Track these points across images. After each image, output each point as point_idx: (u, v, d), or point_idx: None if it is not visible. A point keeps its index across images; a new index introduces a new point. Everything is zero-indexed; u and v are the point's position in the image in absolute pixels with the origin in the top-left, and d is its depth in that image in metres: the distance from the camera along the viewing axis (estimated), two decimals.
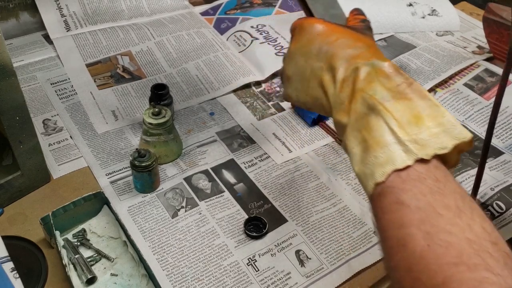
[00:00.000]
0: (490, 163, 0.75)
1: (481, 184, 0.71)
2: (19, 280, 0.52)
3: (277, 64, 0.93)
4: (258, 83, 0.91)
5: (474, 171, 0.73)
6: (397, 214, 0.37)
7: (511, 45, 0.48)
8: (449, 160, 0.40)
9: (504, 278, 0.32)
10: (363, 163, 0.41)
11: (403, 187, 0.38)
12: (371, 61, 0.44)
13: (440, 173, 0.38)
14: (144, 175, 0.66)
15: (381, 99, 0.41)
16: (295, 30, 0.52)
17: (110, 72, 0.90)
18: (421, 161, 0.38)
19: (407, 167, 0.38)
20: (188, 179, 0.71)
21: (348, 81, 0.45)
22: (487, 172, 0.73)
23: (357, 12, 0.54)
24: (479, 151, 0.78)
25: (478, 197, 0.68)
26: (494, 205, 0.68)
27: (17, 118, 0.61)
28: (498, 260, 0.33)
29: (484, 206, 0.67)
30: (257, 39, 0.99)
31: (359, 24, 0.51)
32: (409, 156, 0.38)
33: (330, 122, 0.83)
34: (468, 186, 0.71)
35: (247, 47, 0.97)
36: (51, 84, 0.87)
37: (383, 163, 0.39)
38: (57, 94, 0.85)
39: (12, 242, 0.60)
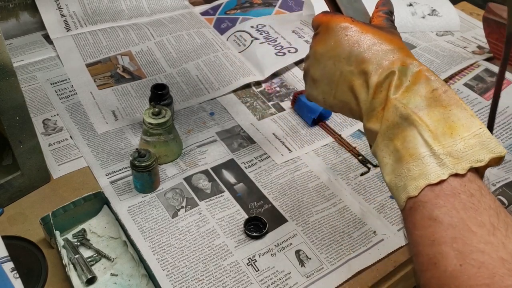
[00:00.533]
0: None
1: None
2: (19, 280, 0.52)
3: (277, 64, 0.93)
4: (258, 83, 0.91)
5: None
6: (429, 230, 0.36)
7: (506, 43, 0.48)
8: (480, 174, 0.39)
9: None
10: (395, 174, 0.40)
11: (436, 202, 0.37)
12: (407, 65, 0.42)
13: (475, 187, 0.37)
14: (144, 175, 0.66)
15: (415, 108, 0.40)
16: (320, 28, 0.49)
17: (110, 72, 0.90)
18: (456, 174, 0.37)
19: (441, 181, 0.37)
20: (188, 179, 0.71)
21: (382, 87, 0.43)
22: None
23: (382, 5, 0.50)
24: None
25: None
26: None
27: (17, 118, 0.61)
28: None
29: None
30: (257, 39, 0.99)
31: (385, 23, 0.48)
32: (444, 171, 0.37)
33: (330, 122, 0.83)
34: None
35: (247, 47, 0.97)
36: (51, 84, 0.87)
37: (416, 177, 0.38)
38: (57, 94, 0.85)
39: (12, 242, 0.60)
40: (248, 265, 0.61)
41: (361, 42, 0.45)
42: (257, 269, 0.61)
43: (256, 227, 0.65)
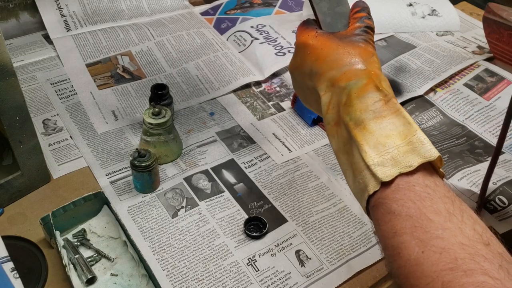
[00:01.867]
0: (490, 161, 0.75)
1: (482, 179, 0.71)
2: (19, 280, 0.52)
3: (277, 64, 0.93)
4: (258, 83, 0.91)
5: (475, 168, 0.73)
6: (390, 224, 0.38)
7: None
8: (437, 169, 0.41)
9: (501, 281, 0.32)
10: (354, 186, 0.44)
11: (393, 197, 0.39)
12: (350, 82, 0.45)
13: (429, 179, 0.39)
14: (144, 175, 0.66)
15: (354, 124, 0.43)
16: (295, 44, 0.53)
17: (110, 72, 0.90)
18: (408, 171, 0.40)
19: (391, 181, 0.39)
20: (188, 179, 0.71)
21: (331, 105, 0.46)
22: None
23: (358, 8, 0.51)
24: (479, 150, 0.78)
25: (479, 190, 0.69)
26: (497, 199, 0.69)
27: (17, 118, 0.61)
28: (492, 263, 0.33)
29: (487, 200, 0.68)
30: (257, 39, 0.99)
31: (356, 27, 0.50)
32: (376, 181, 0.40)
33: None
34: (469, 182, 0.71)
35: (247, 47, 0.97)
36: (51, 84, 0.87)
37: (362, 189, 0.42)
38: (57, 94, 0.85)
39: (12, 242, 0.60)
40: (248, 265, 0.61)
41: (319, 60, 0.48)
42: (257, 269, 0.61)
43: (256, 227, 0.65)
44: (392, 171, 0.40)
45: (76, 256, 0.59)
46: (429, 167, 0.41)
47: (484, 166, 0.74)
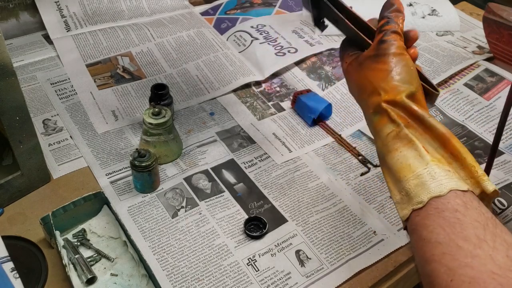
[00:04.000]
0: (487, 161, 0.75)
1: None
2: (19, 280, 0.52)
3: (277, 64, 0.93)
4: (258, 83, 0.91)
5: None
6: (422, 251, 0.38)
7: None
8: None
9: None
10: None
11: (423, 223, 0.39)
12: (370, 115, 0.47)
13: (459, 202, 0.38)
14: (144, 175, 0.66)
15: (380, 160, 0.46)
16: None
17: (110, 72, 0.90)
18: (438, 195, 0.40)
19: (422, 207, 0.40)
20: (188, 179, 0.71)
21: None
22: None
23: (383, 9, 0.50)
24: (479, 151, 0.78)
25: None
26: (496, 201, 0.69)
27: (17, 118, 0.61)
28: None
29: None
30: (257, 39, 0.99)
31: (374, 44, 0.49)
32: (400, 216, 0.42)
33: (330, 122, 0.83)
34: None
35: (247, 47, 0.97)
36: (51, 84, 0.87)
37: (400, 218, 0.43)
38: (57, 94, 0.85)
39: (12, 242, 0.60)
40: (248, 265, 0.61)
41: (354, 87, 0.51)
42: (257, 269, 0.61)
43: (256, 227, 0.65)
44: (407, 209, 0.41)
45: (76, 256, 0.59)
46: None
47: (483, 167, 0.74)
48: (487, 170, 0.57)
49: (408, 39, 0.49)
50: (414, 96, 0.45)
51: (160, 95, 0.76)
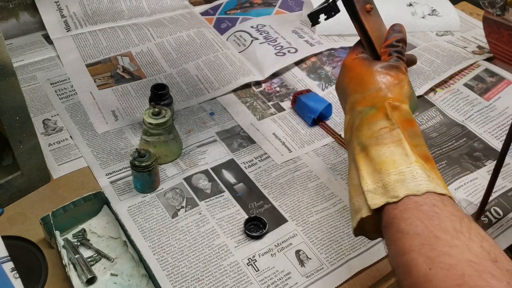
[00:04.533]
0: (489, 166, 0.75)
1: (479, 190, 0.70)
2: (19, 280, 0.52)
3: (277, 64, 0.93)
4: (258, 83, 0.91)
5: (472, 176, 0.73)
6: (399, 243, 0.39)
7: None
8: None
9: None
10: (350, 205, 0.46)
11: (401, 216, 0.40)
12: (365, 107, 0.47)
13: (437, 198, 0.40)
14: (144, 175, 0.66)
15: (359, 149, 0.46)
16: None
17: (110, 72, 0.90)
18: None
19: (399, 200, 0.41)
20: (188, 179, 0.71)
21: (349, 126, 0.49)
22: (485, 177, 0.73)
23: (392, 32, 0.53)
24: (478, 154, 0.78)
25: (476, 202, 0.68)
26: (492, 210, 0.68)
27: (17, 118, 0.61)
28: (500, 280, 0.34)
29: (482, 212, 0.67)
30: (257, 39, 0.99)
31: (387, 53, 0.52)
32: (366, 207, 0.43)
33: (330, 122, 0.83)
34: (466, 191, 0.71)
35: (247, 47, 0.97)
36: (51, 84, 0.87)
37: (356, 210, 0.44)
38: (57, 94, 0.85)
39: (12, 242, 0.60)
40: (248, 265, 0.61)
41: (350, 82, 0.51)
42: (257, 269, 0.61)
43: (256, 227, 0.65)
44: (380, 200, 0.42)
45: (76, 256, 0.59)
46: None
47: (481, 173, 0.73)
48: (491, 184, 0.57)
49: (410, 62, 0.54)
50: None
51: (160, 95, 0.76)
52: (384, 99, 0.47)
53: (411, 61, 0.55)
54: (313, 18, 0.56)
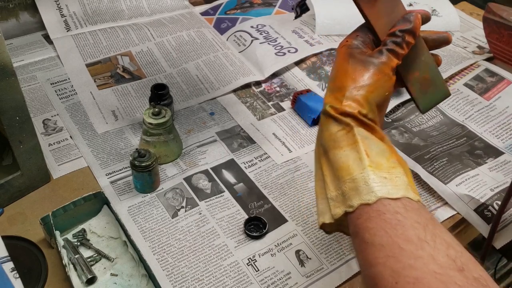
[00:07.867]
0: (490, 163, 0.75)
1: (480, 185, 0.70)
2: (19, 280, 0.52)
3: (277, 64, 0.93)
4: (258, 83, 0.91)
5: (473, 172, 0.73)
6: (365, 254, 0.39)
7: None
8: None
9: None
10: (316, 205, 0.45)
11: (365, 226, 0.39)
12: (327, 105, 0.45)
13: (399, 205, 0.39)
14: (144, 175, 0.66)
15: (322, 151, 0.45)
16: None
17: (110, 72, 0.90)
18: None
19: (364, 209, 0.40)
20: (188, 179, 0.71)
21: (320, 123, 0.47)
22: (487, 173, 0.73)
23: (401, 20, 0.47)
24: (479, 152, 0.78)
25: (478, 197, 0.68)
26: (494, 204, 0.68)
27: (17, 118, 0.61)
28: None
29: (484, 206, 0.67)
30: (257, 39, 0.99)
31: (380, 46, 0.47)
32: (329, 214, 0.43)
33: None
34: (467, 187, 0.71)
35: (247, 47, 0.97)
36: (51, 84, 0.87)
37: (320, 213, 0.44)
38: (57, 94, 0.85)
39: (12, 242, 0.60)
40: (248, 265, 0.61)
41: (332, 71, 0.48)
42: (257, 269, 0.61)
43: (256, 227, 0.65)
44: (340, 209, 0.41)
45: (76, 256, 0.59)
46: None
47: (482, 169, 0.73)
48: (506, 199, 0.57)
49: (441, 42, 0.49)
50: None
51: (160, 95, 0.76)
52: (350, 98, 0.44)
53: (440, 42, 0.49)
54: (301, 7, 0.55)
